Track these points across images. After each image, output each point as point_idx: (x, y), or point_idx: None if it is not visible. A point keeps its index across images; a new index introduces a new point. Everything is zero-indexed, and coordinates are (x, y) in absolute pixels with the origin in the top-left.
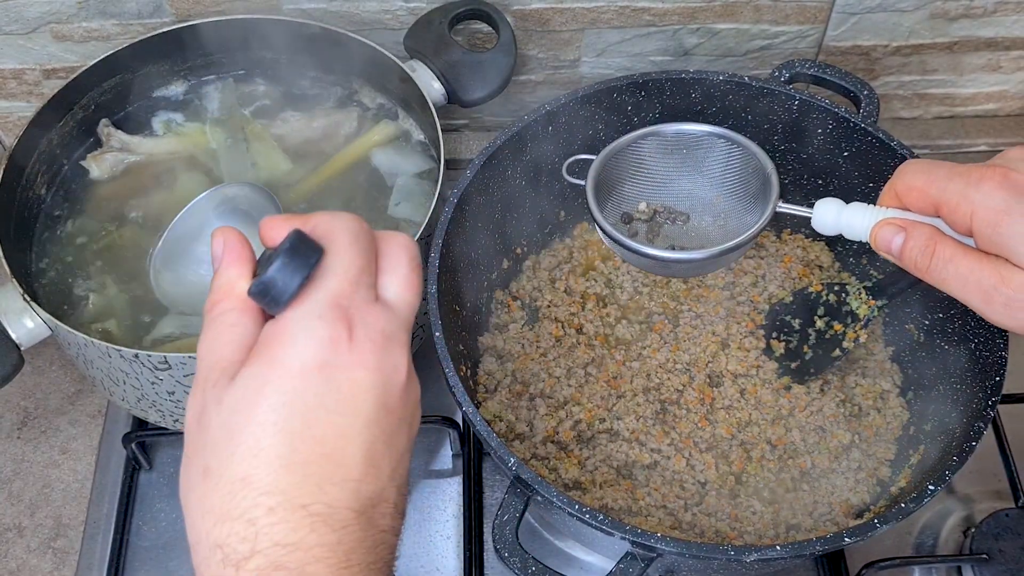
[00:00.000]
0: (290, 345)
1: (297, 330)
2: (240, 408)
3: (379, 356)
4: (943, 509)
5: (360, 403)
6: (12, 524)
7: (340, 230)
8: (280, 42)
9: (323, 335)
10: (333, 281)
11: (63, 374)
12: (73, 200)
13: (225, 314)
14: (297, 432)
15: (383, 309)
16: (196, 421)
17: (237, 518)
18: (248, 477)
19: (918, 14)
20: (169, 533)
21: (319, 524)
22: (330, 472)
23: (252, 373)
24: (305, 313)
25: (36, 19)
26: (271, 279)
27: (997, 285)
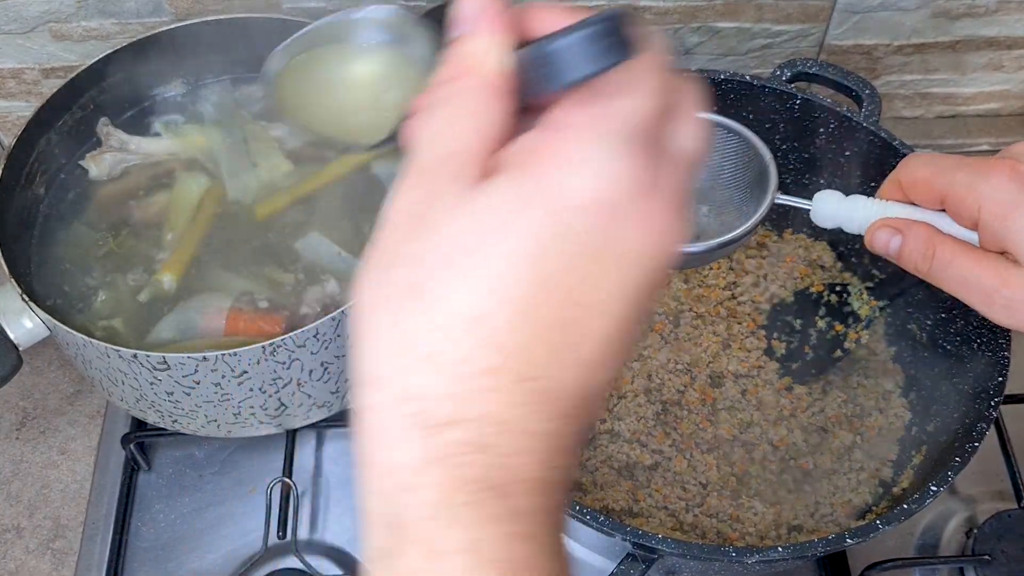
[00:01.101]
0: (579, 165)
1: (592, 149)
2: (489, 222)
3: (670, 221)
4: (945, 510)
5: (629, 269)
6: (11, 525)
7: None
8: (279, 41)
9: (623, 168)
10: (642, 101)
11: (62, 374)
12: (72, 200)
13: (466, 94)
14: (554, 280)
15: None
16: (409, 217)
17: (446, 367)
18: (479, 317)
19: (920, 13)
20: (168, 534)
21: (540, 405)
22: (569, 344)
23: (517, 184)
24: (607, 128)
25: (35, 18)
26: (559, 47)
27: (998, 287)
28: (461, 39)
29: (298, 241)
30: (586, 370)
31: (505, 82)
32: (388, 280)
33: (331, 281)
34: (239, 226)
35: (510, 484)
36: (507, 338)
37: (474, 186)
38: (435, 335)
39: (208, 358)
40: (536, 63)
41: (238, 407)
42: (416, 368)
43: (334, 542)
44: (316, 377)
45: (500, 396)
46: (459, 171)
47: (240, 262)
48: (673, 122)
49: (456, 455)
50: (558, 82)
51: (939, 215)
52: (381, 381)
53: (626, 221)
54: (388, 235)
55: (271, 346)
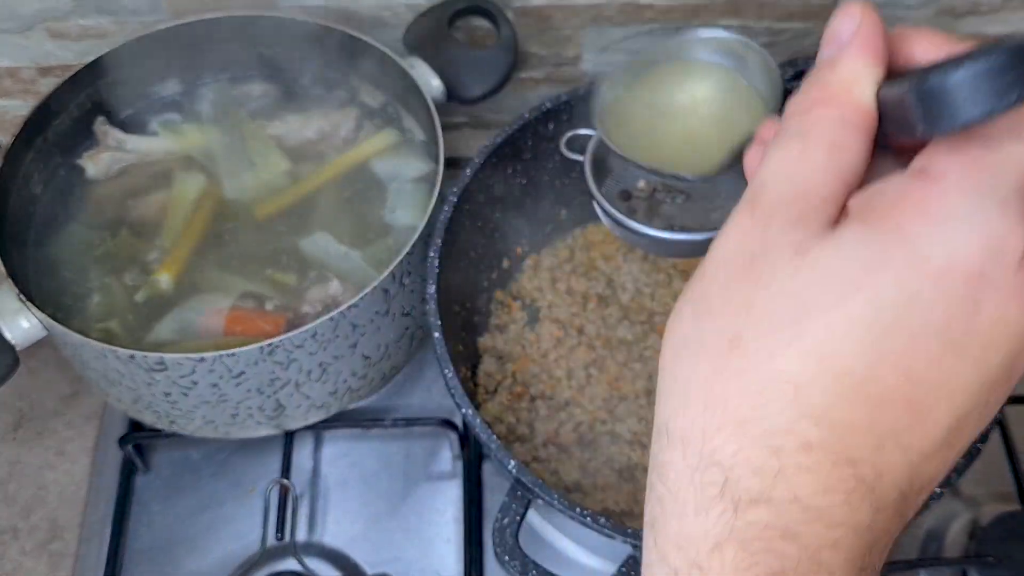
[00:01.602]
0: (947, 223)
1: (966, 205)
2: (831, 281)
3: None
4: (949, 511)
5: (993, 350)
6: (7, 527)
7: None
8: (278, 39)
9: (995, 231)
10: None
11: (59, 375)
12: (69, 199)
13: (826, 125)
14: (892, 355)
15: None
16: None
17: (760, 437)
18: (801, 386)
19: (924, 11)
20: (165, 536)
21: (859, 495)
22: (903, 427)
23: (870, 238)
24: (982, 185)
25: (31, 16)
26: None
27: None
28: (828, 62)
29: (304, 240)
30: (918, 460)
31: (872, 118)
32: (708, 327)
33: (333, 281)
34: (238, 225)
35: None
36: (832, 413)
37: (820, 235)
38: (753, 399)
39: (205, 359)
40: (919, 99)
41: (236, 408)
42: (727, 432)
43: (332, 544)
44: (314, 378)
45: (814, 478)
46: (805, 215)
47: (239, 262)
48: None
49: (757, 539)
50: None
51: None
52: (686, 439)
53: (996, 296)
54: (713, 275)
55: (269, 347)
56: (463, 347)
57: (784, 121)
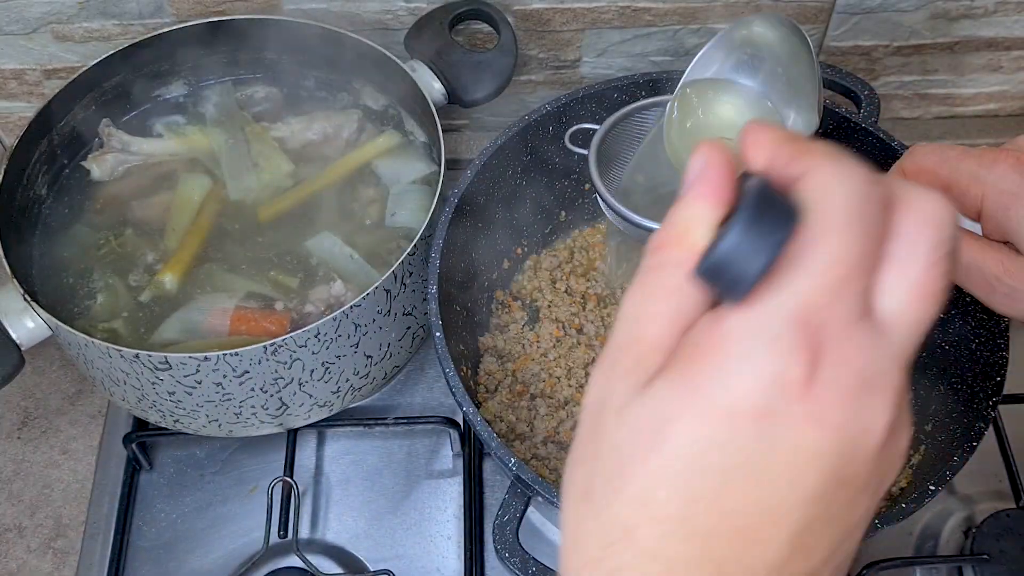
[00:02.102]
0: (723, 372)
1: (738, 350)
2: (639, 436)
3: (847, 411)
4: (944, 509)
5: (801, 474)
6: (12, 524)
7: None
8: (281, 43)
9: (771, 369)
10: (805, 282)
11: (63, 374)
12: (74, 201)
13: (668, 269)
14: (704, 494)
15: (871, 335)
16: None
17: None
18: (631, 530)
19: (919, 14)
20: (169, 533)
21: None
22: (739, 552)
23: (667, 394)
24: (754, 327)
25: (37, 19)
26: (724, 259)
27: (1000, 275)
28: (678, 201)
29: (309, 240)
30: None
31: None
32: (576, 476)
33: (336, 281)
34: (242, 226)
35: None
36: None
37: (640, 390)
38: (600, 541)
39: (209, 358)
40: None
41: (239, 407)
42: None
43: (335, 541)
44: (317, 377)
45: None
46: (637, 364)
47: (243, 262)
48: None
49: None
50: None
51: None
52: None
53: (781, 424)
54: (580, 427)
55: (272, 346)
56: (464, 346)
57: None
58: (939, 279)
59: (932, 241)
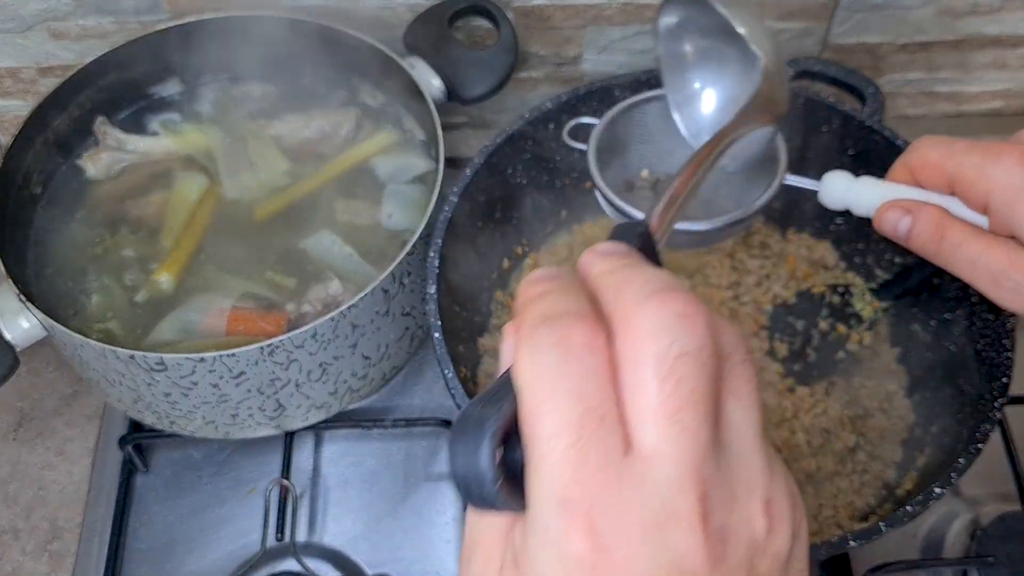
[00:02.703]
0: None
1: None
2: None
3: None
4: (949, 512)
5: None
6: (7, 527)
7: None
8: (278, 39)
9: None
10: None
11: (59, 375)
12: (69, 199)
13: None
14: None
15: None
16: None
17: None
18: None
19: (924, 11)
20: (166, 535)
21: None
22: None
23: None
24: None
25: (32, 17)
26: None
27: (1006, 270)
28: None
29: (306, 240)
30: None
31: None
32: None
33: (334, 281)
34: (239, 225)
35: None
36: None
37: None
38: None
39: (206, 359)
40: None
41: (236, 408)
42: None
43: (332, 544)
44: (314, 378)
45: None
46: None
47: (240, 262)
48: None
49: None
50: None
51: (949, 198)
52: None
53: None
54: None
55: (269, 347)
56: (463, 347)
57: None
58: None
59: (653, 355)
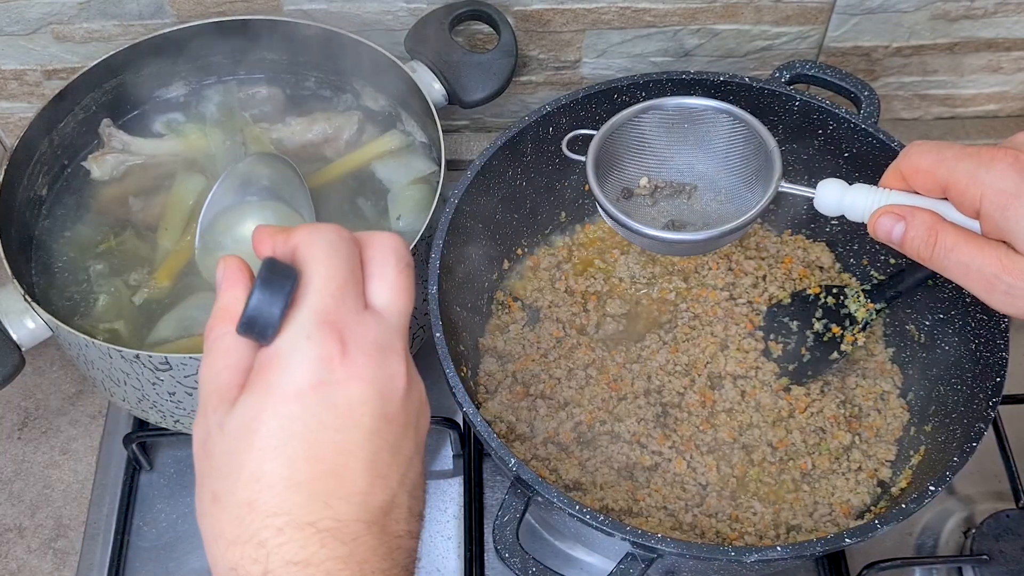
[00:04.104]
0: (283, 369)
1: (288, 353)
2: (240, 435)
3: (374, 367)
4: (944, 510)
5: (359, 417)
6: (12, 525)
7: (317, 243)
8: (281, 43)
9: (314, 355)
10: (316, 298)
11: (64, 375)
12: (74, 201)
13: (222, 339)
14: (298, 454)
15: (374, 318)
16: (202, 447)
17: (247, 541)
18: (253, 502)
19: (919, 15)
20: (169, 533)
21: (328, 539)
22: (334, 488)
23: (249, 401)
24: (294, 335)
25: (37, 20)
26: (252, 314)
27: (999, 273)
28: (220, 292)
29: None
30: (364, 497)
31: None
32: (202, 494)
33: None
34: None
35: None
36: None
37: (228, 412)
38: (233, 523)
39: None
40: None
41: None
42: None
43: None
44: None
45: (293, 544)
46: (220, 402)
47: None
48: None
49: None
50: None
51: (941, 203)
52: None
53: (334, 387)
54: (196, 462)
55: None
56: (464, 347)
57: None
58: (408, 280)
59: (395, 258)
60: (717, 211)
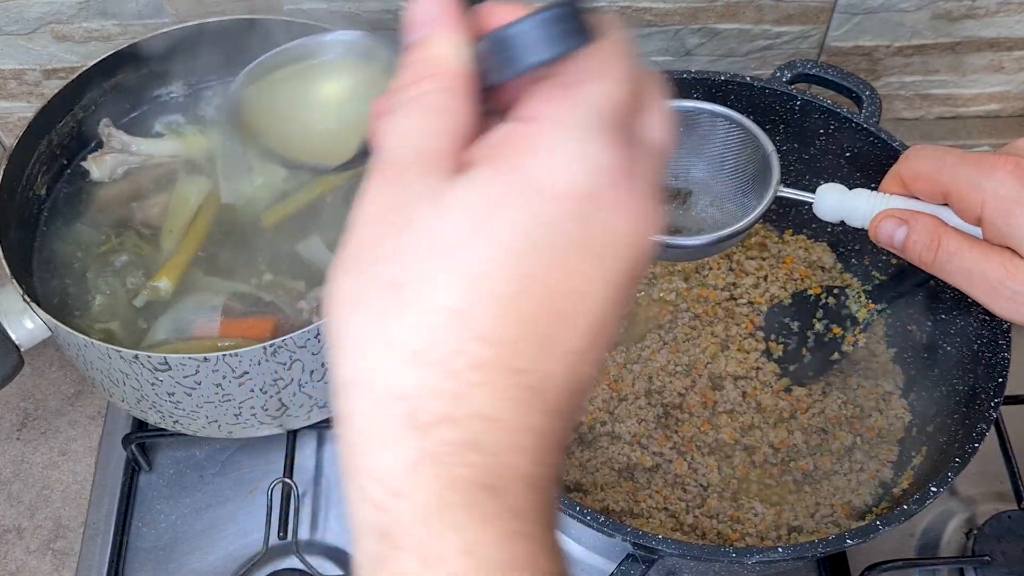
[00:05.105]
0: (554, 155)
1: (566, 139)
2: (468, 216)
3: (648, 207)
4: (945, 511)
5: (612, 258)
6: (11, 526)
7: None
8: (280, 42)
9: (599, 157)
10: (612, 86)
11: (63, 375)
12: (74, 201)
13: (430, 95)
14: (534, 272)
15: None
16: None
17: (435, 364)
18: (462, 312)
19: (920, 14)
20: (169, 534)
21: (530, 400)
22: (556, 335)
23: (493, 177)
24: (579, 119)
25: (36, 19)
26: (517, 32)
27: (1003, 279)
28: (421, 42)
29: (300, 243)
30: (573, 361)
31: (469, 80)
32: (369, 280)
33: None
34: (240, 229)
35: (504, 482)
36: (493, 332)
37: (448, 181)
38: (420, 332)
39: (209, 359)
40: (495, 50)
41: (239, 408)
42: (402, 367)
43: (335, 542)
44: (317, 378)
45: (490, 391)
46: (431, 167)
47: (238, 265)
48: (641, 112)
49: (448, 454)
50: (517, 67)
51: (942, 208)
52: (366, 383)
53: (606, 210)
54: (362, 233)
55: (272, 347)
56: None
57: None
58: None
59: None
60: (715, 217)
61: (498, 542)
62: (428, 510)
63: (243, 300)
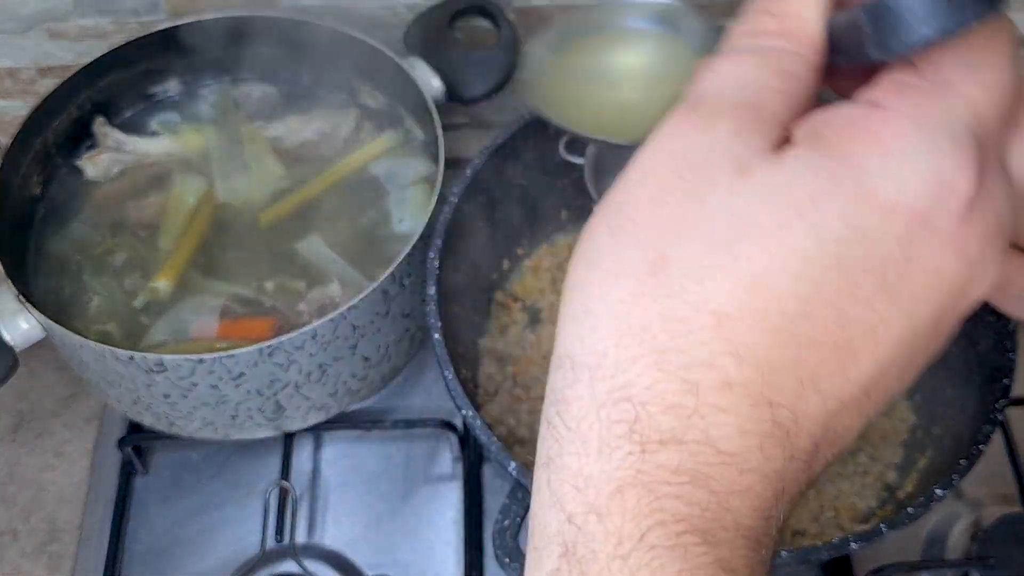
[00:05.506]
0: (892, 156)
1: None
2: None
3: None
4: (951, 513)
5: (923, 301)
6: (6, 528)
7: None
8: (277, 40)
9: (945, 171)
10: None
11: (58, 377)
12: (69, 201)
13: (781, 54)
14: (826, 291)
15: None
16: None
17: (673, 370)
18: (723, 317)
19: None
20: (165, 537)
21: (774, 440)
22: (826, 373)
23: (819, 162)
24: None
25: (30, 17)
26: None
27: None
28: None
29: (299, 242)
30: (833, 409)
31: (822, 50)
32: (628, 244)
33: (333, 283)
34: (238, 228)
35: (720, 530)
36: (757, 352)
37: (764, 155)
38: (674, 328)
39: (205, 360)
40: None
41: (235, 410)
42: (642, 363)
43: (332, 546)
44: (314, 379)
45: (734, 420)
46: (752, 127)
47: (237, 265)
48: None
49: (665, 483)
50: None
51: None
52: (595, 370)
53: (936, 241)
54: (640, 183)
55: (269, 348)
56: (463, 349)
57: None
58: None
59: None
60: None
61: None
62: (626, 544)
63: (242, 301)
